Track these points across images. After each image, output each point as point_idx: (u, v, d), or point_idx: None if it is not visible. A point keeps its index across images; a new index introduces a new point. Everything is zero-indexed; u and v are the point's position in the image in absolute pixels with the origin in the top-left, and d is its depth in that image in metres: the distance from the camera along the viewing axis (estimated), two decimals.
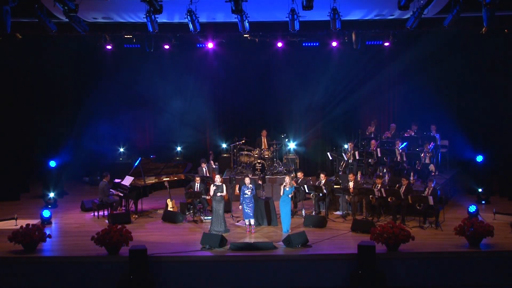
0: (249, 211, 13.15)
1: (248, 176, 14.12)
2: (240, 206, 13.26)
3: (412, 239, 11.59)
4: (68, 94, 18.92)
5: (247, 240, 12.61)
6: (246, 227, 13.39)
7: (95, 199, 14.89)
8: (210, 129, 19.80)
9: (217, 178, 13.41)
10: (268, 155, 17.22)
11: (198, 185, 14.48)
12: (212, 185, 13.33)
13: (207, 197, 14.04)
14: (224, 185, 13.43)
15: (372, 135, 17.41)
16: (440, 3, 12.65)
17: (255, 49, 17.92)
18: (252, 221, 13.31)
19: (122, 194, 14.80)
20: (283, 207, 13.19)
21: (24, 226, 11.95)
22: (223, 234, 12.46)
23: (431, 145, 16.23)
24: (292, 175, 16.04)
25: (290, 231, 12.97)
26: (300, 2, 11.56)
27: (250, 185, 13.25)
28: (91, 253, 11.63)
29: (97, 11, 13.49)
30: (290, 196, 13.32)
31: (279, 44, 17.38)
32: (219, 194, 13.10)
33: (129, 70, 19.42)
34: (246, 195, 13.16)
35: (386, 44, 17.21)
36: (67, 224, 14.28)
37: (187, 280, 11.46)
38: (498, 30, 14.64)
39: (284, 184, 13.41)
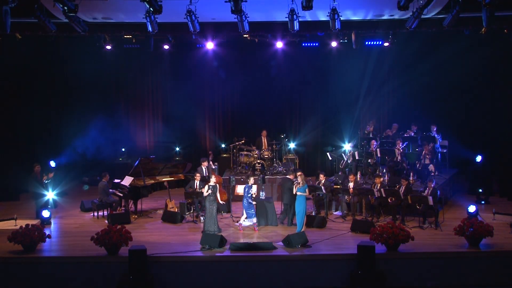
0: (252, 211, 13.29)
1: (254, 177, 14.18)
2: (255, 203, 13.40)
3: (411, 239, 11.59)
4: (67, 94, 18.93)
5: (247, 240, 12.60)
6: (239, 227, 13.44)
7: (95, 199, 14.89)
8: (209, 129, 19.80)
9: (212, 179, 13.33)
10: (268, 155, 17.21)
11: (198, 183, 14.43)
12: (206, 185, 13.24)
13: None
14: (217, 185, 13.38)
15: (371, 135, 17.41)
16: (440, 3, 12.66)
17: (255, 49, 17.92)
18: (255, 220, 13.36)
19: (121, 194, 14.81)
20: (297, 206, 13.04)
21: (23, 226, 11.94)
22: (216, 234, 12.46)
23: (431, 146, 16.21)
24: (292, 175, 16.00)
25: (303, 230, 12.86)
26: (299, 2, 11.55)
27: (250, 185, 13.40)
28: (90, 253, 11.61)
29: (97, 11, 13.48)
30: (305, 194, 13.02)
31: (279, 44, 17.35)
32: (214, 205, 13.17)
33: (129, 70, 19.44)
34: (249, 194, 13.31)
35: (386, 44, 17.21)
36: (66, 224, 14.29)
37: (186, 280, 11.44)
38: (498, 30, 14.64)
39: (296, 182, 13.17)
